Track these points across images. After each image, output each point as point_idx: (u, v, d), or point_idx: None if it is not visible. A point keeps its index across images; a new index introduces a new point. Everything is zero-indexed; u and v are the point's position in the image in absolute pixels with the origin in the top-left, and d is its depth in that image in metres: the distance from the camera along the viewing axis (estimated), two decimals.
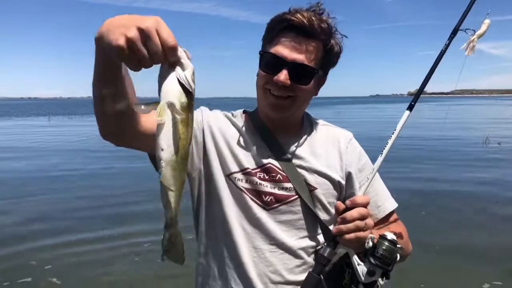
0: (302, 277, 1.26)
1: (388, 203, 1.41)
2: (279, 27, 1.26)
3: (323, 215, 1.32)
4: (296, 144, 1.36)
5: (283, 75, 1.22)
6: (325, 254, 1.20)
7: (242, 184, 1.30)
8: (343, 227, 1.16)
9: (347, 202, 1.18)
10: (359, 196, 1.20)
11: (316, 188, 1.31)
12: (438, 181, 8.78)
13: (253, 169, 1.31)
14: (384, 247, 1.15)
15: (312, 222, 1.32)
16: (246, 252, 1.29)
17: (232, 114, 1.44)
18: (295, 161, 1.33)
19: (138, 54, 0.80)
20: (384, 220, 1.40)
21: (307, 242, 1.32)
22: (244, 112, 1.46)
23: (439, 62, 1.27)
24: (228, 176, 1.31)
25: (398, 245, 1.17)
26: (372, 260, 1.15)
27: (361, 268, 1.17)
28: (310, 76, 1.26)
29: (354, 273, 1.20)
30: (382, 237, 1.17)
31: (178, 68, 0.83)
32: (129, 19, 0.82)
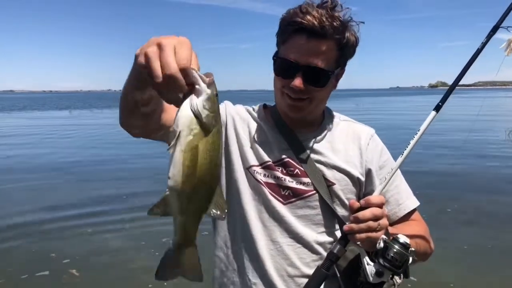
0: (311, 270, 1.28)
1: (410, 201, 1.40)
2: (291, 29, 1.24)
3: (341, 211, 1.32)
4: (315, 139, 1.35)
5: (297, 81, 1.22)
6: (335, 251, 1.20)
7: (261, 177, 1.31)
8: (354, 226, 1.15)
9: (361, 201, 1.16)
10: (374, 196, 1.18)
11: (334, 184, 1.31)
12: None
13: (272, 163, 1.32)
14: (395, 250, 1.13)
15: (330, 218, 1.32)
16: (264, 245, 1.30)
17: (253, 109, 1.45)
18: (313, 156, 1.33)
19: (150, 68, 0.77)
20: (405, 218, 1.39)
21: (325, 237, 1.32)
22: (264, 106, 1.46)
23: (475, 60, 1.21)
24: (248, 169, 1.33)
25: (411, 248, 1.15)
26: (381, 262, 1.14)
27: (370, 268, 1.16)
28: (325, 79, 1.25)
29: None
30: (394, 240, 1.15)
31: (192, 95, 0.80)
32: (161, 37, 0.81)
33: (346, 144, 1.37)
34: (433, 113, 1.21)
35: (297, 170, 1.31)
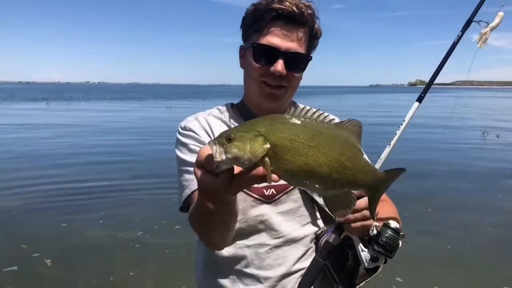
0: (307, 263, 1.31)
1: None
2: (268, 16, 1.25)
3: (320, 200, 1.35)
4: None
5: (279, 65, 1.24)
6: (330, 240, 1.24)
7: None
8: (350, 216, 1.18)
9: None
10: None
11: None
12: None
13: None
14: (387, 235, 1.19)
15: (311, 208, 1.36)
16: (251, 251, 1.31)
17: (219, 110, 1.43)
18: None
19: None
20: None
21: (310, 229, 1.35)
22: (232, 105, 1.46)
23: (451, 53, 1.26)
24: None
25: (401, 233, 1.21)
26: (375, 247, 1.19)
27: (365, 254, 1.21)
28: (305, 63, 1.30)
29: (356, 254, 1.24)
30: (386, 226, 1.21)
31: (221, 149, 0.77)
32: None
33: None
34: (416, 103, 1.25)
35: None
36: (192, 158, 1.29)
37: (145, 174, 8.27)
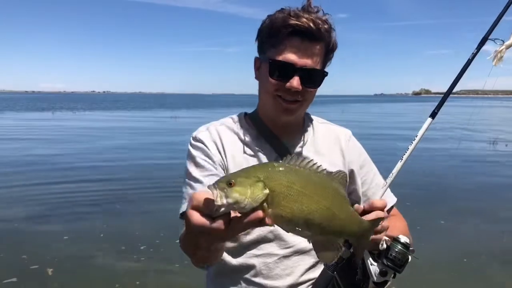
0: (315, 274, 1.31)
1: (390, 199, 1.45)
2: (285, 31, 1.25)
3: None
4: (300, 144, 1.38)
5: (295, 82, 1.24)
6: (340, 253, 1.23)
7: None
8: None
9: (365, 205, 1.19)
10: (377, 200, 1.21)
11: None
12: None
13: None
14: (397, 250, 1.19)
15: None
16: (260, 261, 1.31)
17: (232, 120, 1.43)
18: None
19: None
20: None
21: None
22: (245, 114, 1.46)
23: (466, 70, 1.27)
24: None
25: (411, 248, 1.21)
26: (385, 262, 1.19)
27: (374, 268, 1.21)
28: (320, 79, 1.30)
29: (365, 268, 1.24)
30: (396, 240, 1.21)
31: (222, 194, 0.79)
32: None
33: (329, 147, 1.41)
34: (429, 119, 1.25)
35: None
36: (197, 172, 1.29)
37: (148, 186, 8.26)
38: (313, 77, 1.29)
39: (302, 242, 1.32)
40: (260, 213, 0.77)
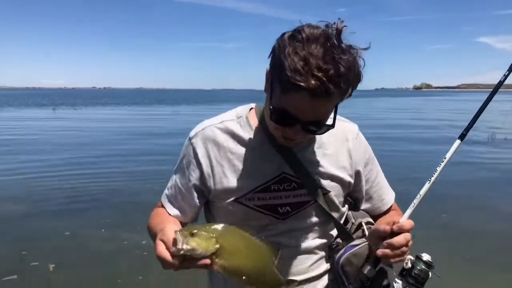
0: (318, 271, 1.37)
1: (390, 196, 1.48)
2: (292, 87, 1.05)
3: (335, 214, 1.35)
4: (307, 148, 1.31)
5: (298, 136, 1.16)
6: (365, 272, 1.26)
7: (254, 202, 1.28)
8: (389, 253, 1.18)
9: (395, 227, 1.19)
10: (407, 221, 1.21)
11: (330, 191, 1.32)
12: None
13: (265, 183, 1.28)
14: (419, 268, 1.24)
15: (327, 222, 1.36)
16: None
17: (236, 116, 1.34)
18: (308, 166, 1.30)
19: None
20: (387, 211, 1.48)
21: (322, 240, 1.37)
22: (251, 108, 1.36)
23: (496, 93, 1.31)
24: (236, 200, 1.28)
25: (433, 264, 1.25)
26: (409, 280, 1.24)
27: (398, 286, 1.26)
28: (324, 129, 1.18)
29: (387, 285, 1.29)
30: (418, 258, 1.26)
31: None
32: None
33: (335, 147, 1.35)
34: (458, 141, 1.26)
35: (293, 183, 1.29)
36: (178, 174, 1.38)
37: (150, 180, 8.21)
38: (317, 127, 1.16)
39: (305, 244, 1.34)
40: (207, 261, 1.02)
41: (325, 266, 1.40)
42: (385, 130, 17.27)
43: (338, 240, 1.41)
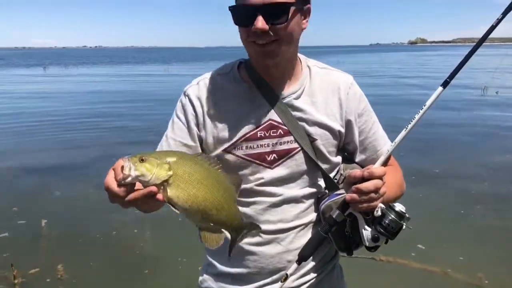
0: (306, 220, 1.37)
1: (386, 147, 1.39)
2: None
3: (323, 165, 1.35)
4: (295, 95, 1.33)
5: (259, 22, 1.15)
6: (334, 216, 1.26)
7: (243, 151, 1.31)
8: (357, 197, 1.18)
9: (365, 173, 1.18)
10: (377, 168, 1.20)
11: (317, 139, 1.33)
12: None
13: (251, 131, 1.30)
14: (390, 218, 1.21)
15: (314, 171, 1.36)
16: (250, 208, 1.34)
17: (226, 69, 1.39)
18: (295, 113, 1.32)
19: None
20: (383, 164, 1.42)
21: (310, 190, 1.37)
22: (240, 63, 1.39)
23: (485, 39, 1.22)
24: (225, 150, 1.31)
25: (406, 216, 1.23)
26: (378, 228, 1.22)
27: (366, 233, 1.24)
28: (286, 12, 1.17)
29: (353, 222, 1.27)
30: (390, 208, 1.23)
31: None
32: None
33: (326, 96, 1.35)
34: (440, 88, 1.20)
35: (280, 130, 1.31)
36: (169, 129, 1.37)
37: (144, 139, 8.12)
38: (279, 12, 1.16)
39: (292, 193, 1.35)
40: (153, 188, 0.92)
41: (313, 215, 1.39)
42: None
43: (327, 191, 1.40)
